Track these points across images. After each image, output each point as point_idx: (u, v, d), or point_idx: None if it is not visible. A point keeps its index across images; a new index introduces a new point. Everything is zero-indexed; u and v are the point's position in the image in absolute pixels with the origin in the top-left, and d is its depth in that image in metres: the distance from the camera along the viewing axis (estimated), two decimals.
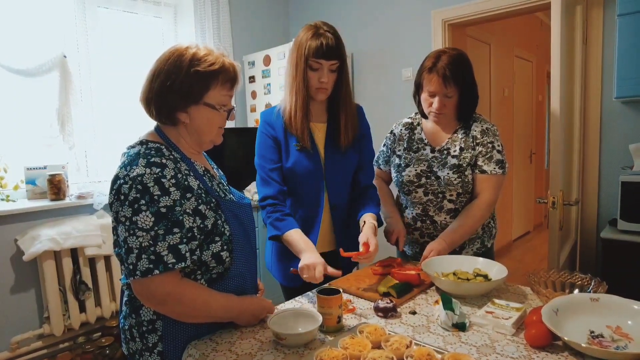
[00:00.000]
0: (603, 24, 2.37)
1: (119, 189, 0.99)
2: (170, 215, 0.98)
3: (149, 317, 1.07)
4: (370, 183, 1.66)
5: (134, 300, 1.08)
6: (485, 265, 1.40)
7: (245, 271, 1.18)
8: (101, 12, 2.92)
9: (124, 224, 0.97)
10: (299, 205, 1.53)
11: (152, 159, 1.01)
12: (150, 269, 0.96)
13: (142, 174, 0.98)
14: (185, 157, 1.10)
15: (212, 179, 1.16)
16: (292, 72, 1.45)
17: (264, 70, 3.47)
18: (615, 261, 2.11)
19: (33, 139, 2.67)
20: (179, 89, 1.04)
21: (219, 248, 1.09)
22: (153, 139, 1.10)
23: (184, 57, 1.04)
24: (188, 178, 1.06)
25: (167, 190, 0.99)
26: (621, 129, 2.38)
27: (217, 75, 1.06)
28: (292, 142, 1.49)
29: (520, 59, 5.00)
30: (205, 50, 1.07)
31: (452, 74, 1.48)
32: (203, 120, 1.09)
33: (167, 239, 0.97)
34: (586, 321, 1.04)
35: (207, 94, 1.06)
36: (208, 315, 1.07)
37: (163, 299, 0.99)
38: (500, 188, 1.57)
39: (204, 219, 1.06)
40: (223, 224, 1.10)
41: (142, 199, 0.96)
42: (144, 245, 0.96)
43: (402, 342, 0.97)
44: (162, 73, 1.04)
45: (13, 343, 2.40)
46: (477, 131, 1.57)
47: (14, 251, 2.43)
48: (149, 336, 1.07)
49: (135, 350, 1.09)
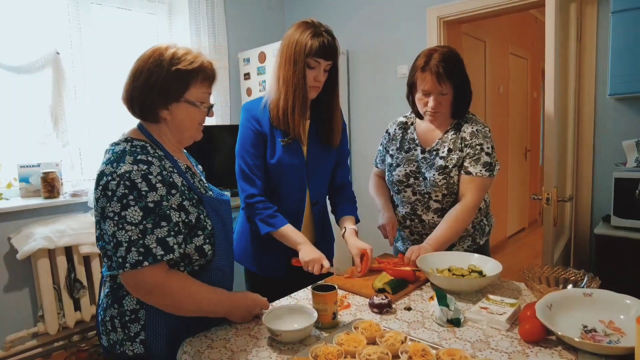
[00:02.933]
0: (597, 21, 2.38)
1: (106, 185, 1.01)
2: (157, 210, 1.02)
3: (132, 306, 1.09)
4: (346, 180, 1.71)
5: (116, 291, 1.11)
6: (479, 261, 1.41)
7: (225, 264, 1.21)
8: (95, 9, 2.89)
9: (112, 219, 1.00)
10: (281, 201, 1.53)
11: (139, 157, 1.04)
12: (139, 261, 0.99)
13: (130, 171, 1.01)
14: (169, 154, 1.14)
15: (194, 176, 1.20)
16: (288, 68, 1.44)
17: (259, 67, 3.46)
18: (609, 257, 2.13)
19: (26, 136, 2.65)
20: (160, 87, 1.07)
21: (201, 241, 1.12)
22: (137, 136, 1.12)
23: (165, 56, 1.07)
24: (172, 175, 1.10)
25: (154, 186, 1.02)
26: (615, 126, 2.39)
27: (196, 73, 1.09)
28: (278, 137, 1.49)
29: (515, 56, 5.02)
30: (184, 50, 1.11)
31: (445, 71, 1.48)
32: (184, 117, 1.12)
33: (155, 232, 1.01)
34: (579, 316, 1.05)
35: (187, 91, 1.10)
36: (195, 307, 1.08)
37: (150, 290, 1.02)
38: (485, 191, 1.56)
39: (188, 214, 1.10)
40: (205, 218, 1.14)
41: (130, 195, 1.00)
42: (133, 239, 0.99)
43: (397, 338, 0.98)
44: (144, 72, 1.08)
45: (7, 342, 2.39)
46: (467, 133, 1.56)
47: (8, 249, 2.42)
48: (131, 325, 1.09)
49: (116, 340, 1.11)
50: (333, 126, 1.55)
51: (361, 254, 1.48)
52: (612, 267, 2.09)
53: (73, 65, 2.76)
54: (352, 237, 1.54)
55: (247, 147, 1.49)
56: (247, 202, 1.49)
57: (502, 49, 4.67)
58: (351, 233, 1.56)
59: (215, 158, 3.31)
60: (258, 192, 1.48)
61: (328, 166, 1.62)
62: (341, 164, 1.68)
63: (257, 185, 1.48)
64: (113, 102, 2.92)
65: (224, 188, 3.11)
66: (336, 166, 1.66)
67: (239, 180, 1.51)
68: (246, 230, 1.59)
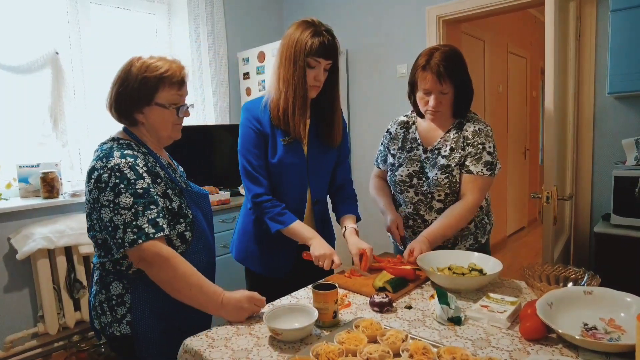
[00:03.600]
0: (596, 20, 2.39)
1: (98, 178, 1.14)
2: (146, 195, 1.15)
3: (118, 291, 1.21)
4: (347, 179, 1.72)
5: (104, 278, 1.23)
6: (480, 259, 1.41)
7: (204, 253, 1.32)
8: (94, 8, 2.89)
9: (108, 206, 1.13)
10: (282, 200, 1.53)
11: (125, 151, 1.18)
12: (135, 240, 1.11)
13: (119, 163, 1.14)
14: (152, 151, 1.27)
15: (175, 171, 1.34)
16: (288, 67, 1.44)
17: (258, 66, 3.46)
18: (609, 255, 2.13)
19: (26, 136, 2.65)
20: (131, 94, 1.21)
21: (183, 228, 1.25)
22: (122, 136, 1.26)
23: (134, 66, 1.21)
24: (156, 167, 1.24)
25: (142, 175, 1.16)
26: (614, 124, 2.40)
27: (163, 79, 1.22)
28: (279, 136, 1.49)
29: (514, 55, 5.02)
30: (155, 59, 1.24)
31: (446, 70, 1.47)
32: (157, 119, 1.25)
33: (146, 214, 1.13)
34: (580, 314, 1.05)
35: (156, 95, 1.22)
36: (187, 288, 1.15)
37: (151, 261, 1.13)
38: (486, 190, 1.56)
39: (171, 201, 1.23)
40: (186, 208, 1.27)
41: (121, 184, 1.13)
42: (127, 221, 1.12)
43: (398, 337, 0.98)
44: (118, 81, 1.23)
45: (7, 342, 2.39)
46: (469, 132, 1.56)
47: (7, 250, 2.42)
48: (118, 309, 1.21)
49: (106, 322, 1.22)
50: (333, 126, 1.56)
51: (360, 254, 1.48)
52: (612, 265, 2.09)
53: (72, 65, 2.75)
54: (352, 236, 1.55)
55: (250, 147, 1.49)
56: (255, 202, 1.49)
57: (501, 48, 4.67)
58: (351, 232, 1.56)
59: (215, 158, 3.31)
60: (264, 190, 1.48)
61: (328, 165, 1.62)
62: (342, 163, 1.68)
63: (262, 184, 1.48)
64: None
65: (223, 188, 3.12)
66: (337, 165, 1.66)
67: (244, 180, 1.52)
68: (248, 229, 1.59)
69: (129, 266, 1.21)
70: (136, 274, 1.21)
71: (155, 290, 1.18)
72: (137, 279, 1.21)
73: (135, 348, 1.21)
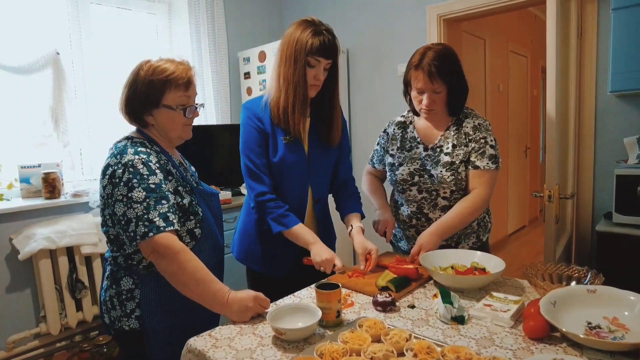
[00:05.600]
0: (598, 18, 2.38)
1: (112, 173, 1.18)
2: (158, 190, 1.18)
3: (128, 286, 1.25)
4: (349, 176, 1.72)
5: (115, 273, 1.27)
6: (482, 259, 1.41)
7: (211, 251, 1.34)
8: (94, 9, 2.89)
9: (122, 201, 1.16)
10: (283, 199, 1.52)
11: (139, 149, 1.22)
12: (146, 232, 1.14)
13: (132, 159, 1.18)
14: (164, 150, 1.31)
15: (186, 170, 1.37)
16: (288, 66, 1.44)
17: (259, 66, 3.46)
18: (611, 253, 2.13)
19: (27, 137, 2.64)
20: (139, 97, 1.25)
21: (192, 225, 1.28)
22: (136, 136, 1.30)
23: (142, 70, 1.25)
24: (168, 165, 1.27)
25: (154, 171, 1.20)
26: (616, 122, 2.39)
27: (169, 81, 1.24)
28: (279, 135, 1.49)
29: (514, 54, 5.01)
30: (162, 62, 1.26)
31: (438, 69, 1.48)
32: (165, 120, 1.28)
33: (157, 208, 1.16)
34: (583, 313, 1.05)
35: (163, 97, 1.25)
36: (194, 283, 1.16)
37: (162, 253, 1.15)
38: (494, 183, 1.56)
39: (182, 198, 1.26)
40: (196, 205, 1.30)
41: (134, 178, 1.16)
42: (139, 215, 1.15)
43: (401, 336, 0.98)
44: (127, 85, 1.27)
45: (9, 342, 2.39)
46: (470, 127, 1.57)
47: (9, 250, 2.42)
48: (127, 303, 1.25)
49: (116, 317, 1.26)
50: (333, 125, 1.56)
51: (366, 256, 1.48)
52: (614, 264, 2.09)
53: (73, 65, 2.75)
54: (358, 236, 1.54)
55: (252, 145, 1.49)
56: (258, 200, 1.48)
57: (501, 47, 4.67)
58: (358, 231, 1.56)
59: (216, 157, 3.31)
60: (268, 189, 1.48)
61: (329, 164, 1.62)
62: (343, 160, 1.68)
63: (266, 183, 1.48)
64: (113, 102, 2.90)
65: (224, 187, 3.12)
66: (338, 162, 1.66)
67: (247, 179, 1.51)
68: (249, 229, 1.59)
69: (140, 261, 1.23)
70: (146, 269, 1.24)
71: (165, 286, 1.21)
72: (147, 275, 1.24)
73: (143, 343, 1.25)
